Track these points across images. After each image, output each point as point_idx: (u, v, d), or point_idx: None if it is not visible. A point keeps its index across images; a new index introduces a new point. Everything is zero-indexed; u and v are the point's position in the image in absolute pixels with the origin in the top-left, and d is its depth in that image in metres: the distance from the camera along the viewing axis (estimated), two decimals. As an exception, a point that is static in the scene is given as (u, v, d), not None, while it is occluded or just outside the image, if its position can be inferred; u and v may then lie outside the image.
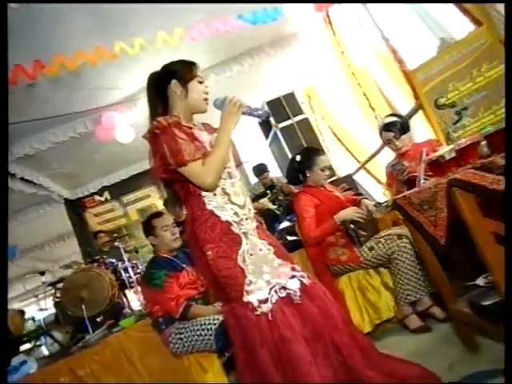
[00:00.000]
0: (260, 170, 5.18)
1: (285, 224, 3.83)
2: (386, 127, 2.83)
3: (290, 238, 3.01)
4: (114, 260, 5.03)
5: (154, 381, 2.76)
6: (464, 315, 1.78)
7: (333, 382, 1.49)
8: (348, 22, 4.11)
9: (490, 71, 3.07)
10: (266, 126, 5.50)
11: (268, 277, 1.56)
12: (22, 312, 5.20)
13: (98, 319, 3.81)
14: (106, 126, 4.58)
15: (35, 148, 4.64)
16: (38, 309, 5.71)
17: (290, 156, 5.22)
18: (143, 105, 4.73)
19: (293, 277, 1.58)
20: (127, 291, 4.86)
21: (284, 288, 1.56)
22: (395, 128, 2.80)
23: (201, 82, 1.72)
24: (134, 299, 4.81)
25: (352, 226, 2.68)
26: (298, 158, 2.85)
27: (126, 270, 4.86)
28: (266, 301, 1.52)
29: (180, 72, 1.69)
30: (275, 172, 5.73)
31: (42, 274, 5.92)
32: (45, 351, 4.06)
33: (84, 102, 4.40)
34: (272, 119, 5.15)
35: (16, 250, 7.56)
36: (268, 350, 1.50)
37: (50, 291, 5.46)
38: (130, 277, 4.83)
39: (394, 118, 2.84)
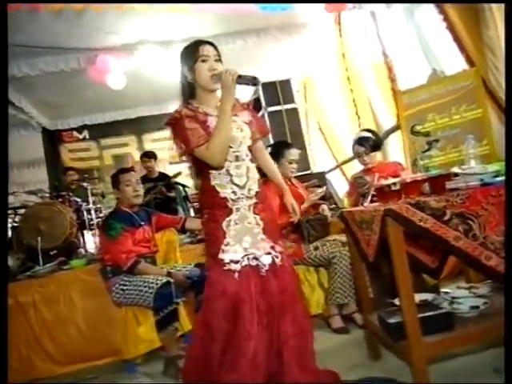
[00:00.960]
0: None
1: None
2: (358, 141, 2.99)
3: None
4: (79, 199, 5.09)
5: (89, 322, 2.93)
6: (374, 327, 2.01)
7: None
8: (355, 29, 4.20)
9: (467, 112, 3.25)
10: (255, 106, 5.57)
11: (247, 245, 1.76)
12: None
13: (51, 253, 3.91)
14: (100, 68, 4.57)
15: (23, 72, 4.60)
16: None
17: (271, 140, 5.35)
18: (140, 55, 4.74)
19: (268, 253, 1.77)
20: (85, 232, 4.96)
21: (256, 259, 1.75)
22: (367, 144, 2.96)
23: (204, 61, 1.77)
24: (90, 241, 4.91)
25: (307, 224, 2.86)
26: (268, 150, 2.98)
27: (88, 211, 4.94)
28: (236, 262, 1.72)
29: (185, 59, 1.81)
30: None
31: (5, 196, 5.94)
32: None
33: (83, 39, 4.38)
34: (263, 101, 5.23)
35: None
36: (223, 303, 1.70)
37: (10, 215, 5.51)
38: (92, 219, 4.92)
39: (368, 134, 2.99)
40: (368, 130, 3.09)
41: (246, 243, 1.76)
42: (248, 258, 1.75)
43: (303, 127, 5.79)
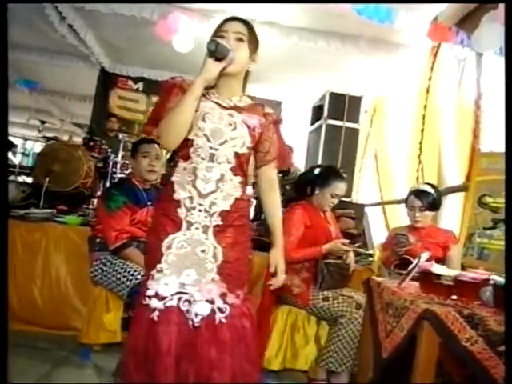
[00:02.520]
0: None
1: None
2: (417, 193, 2.55)
3: (259, 237, 2.76)
4: (110, 149, 4.90)
5: (61, 287, 2.66)
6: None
7: None
8: (451, 65, 3.68)
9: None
10: (317, 113, 5.19)
11: (188, 280, 1.35)
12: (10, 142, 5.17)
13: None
14: (169, 25, 4.27)
15: (94, 6, 4.38)
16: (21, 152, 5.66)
17: (320, 154, 4.94)
18: (215, 25, 4.41)
19: (210, 302, 1.35)
20: (108, 183, 4.75)
21: (190, 303, 1.35)
22: (425, 200, 2.51)
23: (222, 37, 1.45)
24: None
25: (324, 267, 2.42)
26: (317, 171, 2.59)
27: (115, 164, 4.73)
28: (162, 298, 1.33)
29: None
30: (300, 160, 5.46)
31: (43, 122, 5.85)
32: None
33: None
34: (325, 110, 4.84)
35: (37, 85, 7.53)
36: (135, 345, 1.36)
37: (42, 142, 5.39)
38: (115, 173, 4.71)
39: (430, 189, 2.54)
40: (431, 186, 2.63)
41: (186, 277, 1.35)
42: (180, 299, 1.34)
43: (359, 151, 5.34)
